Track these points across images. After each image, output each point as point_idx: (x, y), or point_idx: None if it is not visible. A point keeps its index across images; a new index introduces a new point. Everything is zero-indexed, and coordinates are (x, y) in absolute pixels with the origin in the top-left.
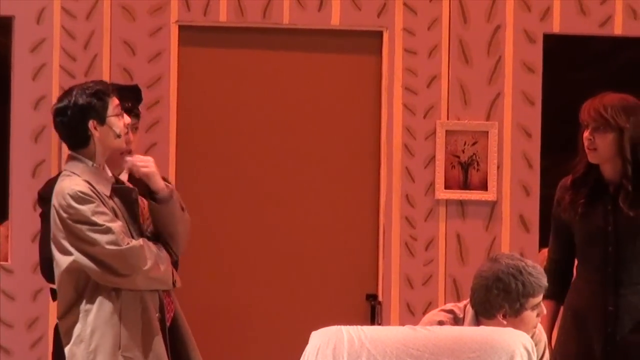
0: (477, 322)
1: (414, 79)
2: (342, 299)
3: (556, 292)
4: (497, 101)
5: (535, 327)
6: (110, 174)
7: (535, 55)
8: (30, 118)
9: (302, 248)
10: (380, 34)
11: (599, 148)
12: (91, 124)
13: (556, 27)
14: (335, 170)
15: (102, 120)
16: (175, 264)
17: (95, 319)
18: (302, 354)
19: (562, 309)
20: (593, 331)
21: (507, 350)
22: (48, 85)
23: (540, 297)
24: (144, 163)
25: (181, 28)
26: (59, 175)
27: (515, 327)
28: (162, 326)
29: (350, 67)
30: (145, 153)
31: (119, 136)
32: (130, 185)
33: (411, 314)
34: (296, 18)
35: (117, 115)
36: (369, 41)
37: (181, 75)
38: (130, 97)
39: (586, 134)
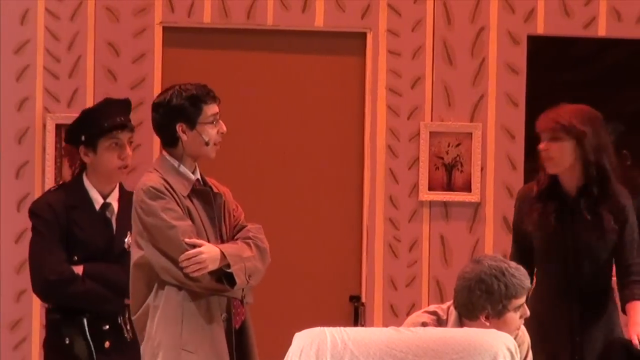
0: (460, 323)
1: (398, 80)
2: (325, 300)
3: None
4: (481, 102)
5: (518, 329)
6: (197, 176)
7: (519, 56)
8: (14, 119)
9: (286, 249)
10: (364, 35)
11: (556, 157)
12: (179, 127)
13: (540, 29)
14: (318, 171)
15: (192, 125)
16: None
17: (160, 315)
18: (285, 355)
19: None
20: (558, 341)
21: (490, 352)
22: (32, 86)
23: (523, 298)
24: (198, 266)
25: (165, 29)
26: (49, 191)
27: (498, 328)
28: (228, 327)
29: (334, 69)
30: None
31: (207, 144)
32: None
33: (395, 316)
34: (280, 19)
35: (210, 123)
36: (353, 42)
37: (165, 76)
38: (123, 112)
39: (541, 145)
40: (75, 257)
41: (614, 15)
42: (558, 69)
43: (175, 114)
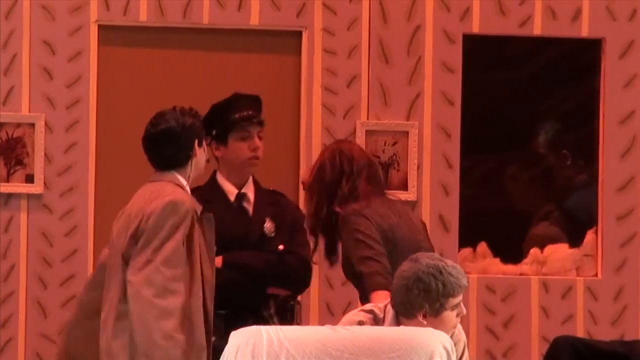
0: (397, 322)
1: (334, 79)
2: None
3: None
4: (417, 101)
5: (454, 327)
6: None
7: (455, 55)
8: None
9: None
10: (299, 34)
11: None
12: (196, 144)
13: (476, 28)
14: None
15: (200, 142)
16: None
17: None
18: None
19: None
20: None
21: (427, 350)
22: None
23: (460, 297)
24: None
25: (101, 28)
26: None
27: (435, 327)
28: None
29: (269, 67)
30: (65, 153)
31: (207, 161)
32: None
33: (331, 314)
34: (216, 18)
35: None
36: (288, 41)
37: (101, 75)
38: (252, 106)
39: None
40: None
41: (549, 14)
42: (494, 67)
43: (194, 132)
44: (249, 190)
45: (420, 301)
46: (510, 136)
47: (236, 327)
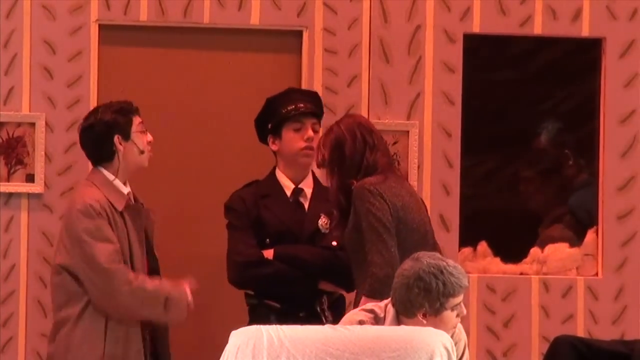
0: (398, 321)
1: (334, 79)
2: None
3: None
4: (417, 101)
5: (455, 327)
6: (128, 189)
7: (456, 55)
8: None
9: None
10: (300, 34)
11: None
12: (116, 138)
13: (476, 27)
14: (255, 170)
15: (126, 135)
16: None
17: (82, 327)
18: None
19: None
20: None
21: (427, 350)
22: None
23: (461, 297)
24: None
25: (101, 27)
26: (244, 185)
27: (435, 326)
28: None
29: (270, 67)
30: (66, 152)
31: (142, 152)
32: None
33: None
34: (216, 17)
35: (140, 132)
36: (289, 40)
37: (101, 75)
38: (306, 99)
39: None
40: (268, 240)
41: (549, 13)
42: (494, 67)
43: (111, 127)
44: (307, 186)
45: (420, 300)
46: (511, 136)
47: (287, 321)
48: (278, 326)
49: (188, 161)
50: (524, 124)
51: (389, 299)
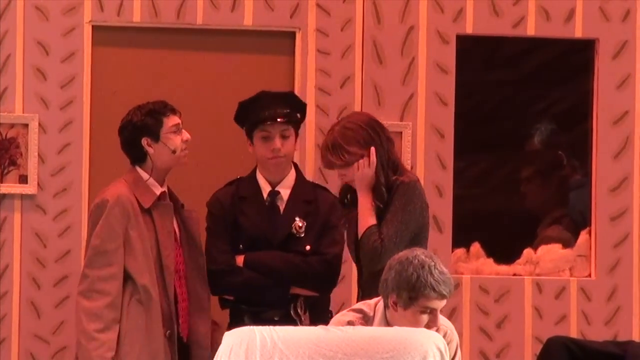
0: (385, 318)
1: (327, 80)
2: None
3: None
4: (410, 102)
5: None
6: (164, 189)
7: (449, 56)
8: None
9: None
10: (293, 35)
11: (344, 179)
12: (144, 141)
13: (469, 28)
14: (247, 171)
15: (156, 137)
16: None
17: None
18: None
19: None
20: None
21: (420, 351)
22: None
23: (434, 304)
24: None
25: (95, 28)
26: (225, 184)
27: (403, 320)
28: (172, 342)
29: (263, 68)
30: (59, 153)
31: (174, 152)
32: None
33: None
34: (209, 18)
35: (173, 132)
36: (282, 42)
37: (95, 76)
38: (276, 105)
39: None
40: (241, 246)
41: (542, 14)
42: (487, 68)
43: (139, 130)
44: (285, 187)
45: (392, 285)
46: (504, 137)
47: (266, 322)
48: (271, 327)
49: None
50: (517, 125)
51: (379, 297)
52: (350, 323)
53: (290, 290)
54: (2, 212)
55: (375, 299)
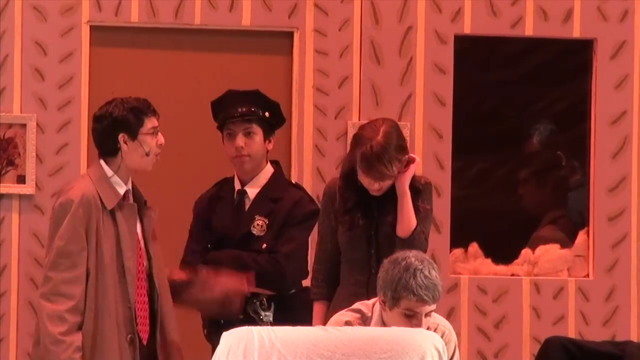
0: (382, 319)
1: (325, 80)
2: None
3: (326, 294)
4: (408, 102)
5: None
6: (128, 187)
7: (447, 56)
8: None
9: None
10: (291, 35)
11: (383, 188)
12: (121, 137)
13: (467, 28)
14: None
15: (133, 135)
16: None
17: None
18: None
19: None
20: None
21: (418, 351)
22: None
23: (416, 307)
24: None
25: (92, 28)
26: (213, 185)
27: (394, 320)
28: (134, 345)
29: (261, 68)
30: (57, 153)
31: (147, 154)
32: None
33: None
34: (207, 18)
35: (151, 134)
36: (280, 42)
37: (92, 76)
38: (240, 104)
39: (372, 185)
40: (209, 245)
41: (540, 15)
42: (485, 68)
43: (118, 124)
44: (254, 186)
45: (381, 283)
46: (502, 137)
47: (228, 323)
48: (269, 327)
49: (179, 162)
50: (516, 125)
51: (377, 297)
52: (348, 323)
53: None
54: (0, 212)
55: (373, 299)
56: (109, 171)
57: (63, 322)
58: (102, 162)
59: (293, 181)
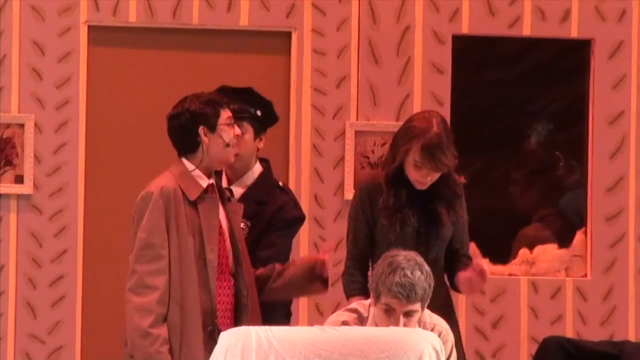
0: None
1: (323, 80)
2: None
3: (362, 288)
4: (406, 102)
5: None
6: (211, 181)
7: (445, 56)
8: None
9: None
10: (289, 35)
11: (431, 181)
12: (201, 130)
13: (465, 28)
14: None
15: (212, 127)
16: None
17: None
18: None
19: None
20: None
21: (416, 351)
22: None
23: (393, 303)
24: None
25: (90, 28)
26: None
27: (378, 316)
28: (213, 338)
29: (259, 68)
30: (55, 153)
31: (227, 145)
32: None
33: (320, 315)
34: (205, 18)
35: (227, 124)
36: (278, 42)
37: (91, 76)
38: (237, 101)
39: (424, 178)
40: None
41: (538, 14)
42: (483, 68)
43: (197, 118)
44: (241, 186)
45: (373, 277)
46: (500, 137)
47: None
48: (267, 327)
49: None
50: (513, 125)
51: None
52: (345, 323)
53: None
54: None
55: (370, 299)
56: (190, 166)
57: (150, 314)
58: (183, 159)
59: (280, 183)
